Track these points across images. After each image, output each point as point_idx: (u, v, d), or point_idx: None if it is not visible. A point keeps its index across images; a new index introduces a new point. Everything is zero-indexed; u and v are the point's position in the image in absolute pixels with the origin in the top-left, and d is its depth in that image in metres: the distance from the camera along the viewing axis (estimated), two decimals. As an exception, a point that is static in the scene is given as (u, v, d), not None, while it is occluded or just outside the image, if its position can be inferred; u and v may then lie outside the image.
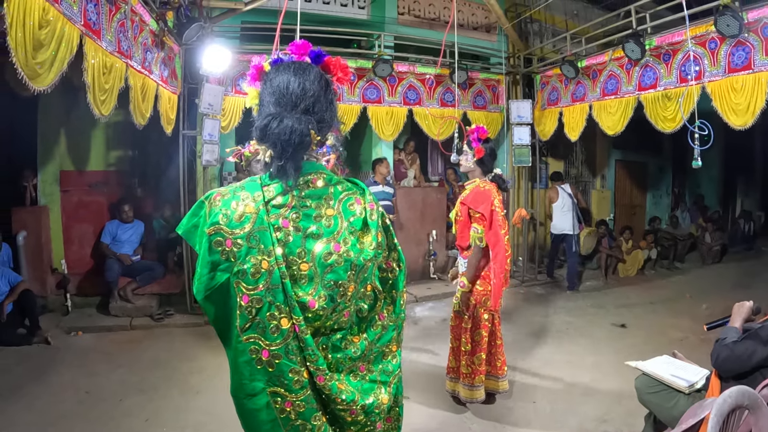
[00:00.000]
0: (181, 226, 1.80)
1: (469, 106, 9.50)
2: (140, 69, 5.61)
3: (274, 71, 1.76)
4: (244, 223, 1.66)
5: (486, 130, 4.43)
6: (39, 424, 4.36)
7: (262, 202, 1.69)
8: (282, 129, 1.61)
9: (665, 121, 7.01)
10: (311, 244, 1.69)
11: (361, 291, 1.81)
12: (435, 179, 11.30)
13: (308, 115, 1.70)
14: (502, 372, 4.60)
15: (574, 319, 7.56)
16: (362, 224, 1.77)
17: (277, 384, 1.69)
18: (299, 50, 1.80)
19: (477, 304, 4.38)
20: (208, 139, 7.13)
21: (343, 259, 1.70)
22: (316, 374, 1.68)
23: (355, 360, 1.79)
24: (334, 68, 1.84)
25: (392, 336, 1.89)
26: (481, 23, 10.19)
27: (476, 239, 4.25)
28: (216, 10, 7.76)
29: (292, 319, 1.66)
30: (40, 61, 3.69)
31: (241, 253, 1.65)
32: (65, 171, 8.22)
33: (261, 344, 1.67)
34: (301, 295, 1.67)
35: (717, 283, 9.95)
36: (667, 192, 14.51)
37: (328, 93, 1.80)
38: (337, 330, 1.76)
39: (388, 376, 1.86)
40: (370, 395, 1.78)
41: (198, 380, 5.28)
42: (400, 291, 1.92)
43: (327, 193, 1.75)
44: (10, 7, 3.26)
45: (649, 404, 3.62)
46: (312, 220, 1.71)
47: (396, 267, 1.91)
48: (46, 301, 7.44)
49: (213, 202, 1.72)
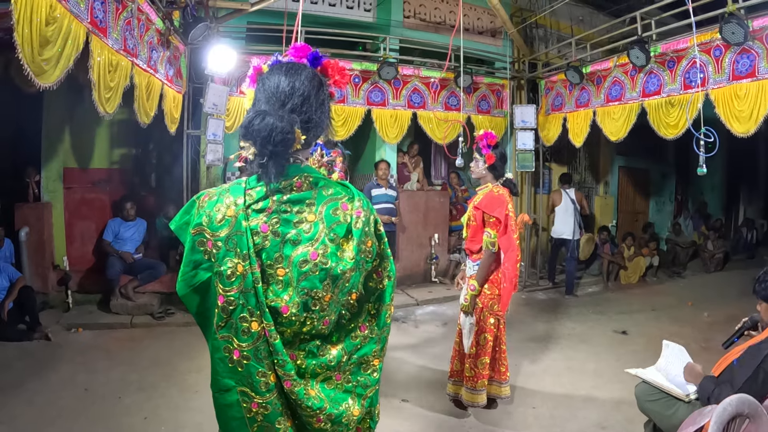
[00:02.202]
0: (173, 222, 1.83)
1: (473, 110, 9.50)
2: (145, 68, 5.63)
3: (269, 72, 1.77)
4: (223, 226, 1.69)
5: (495, 136, 4.44)
6: (39, 420, 4.37)
7: (243, 206, 1.70)
8: (263, 126, 1.61)
9: (668, 127, 7.00)
10: (289, 250, 1.69)
11: (342, 300, 1.78)
12: (438, 183, 11.30)
13: (294, 114, 1.70)
14: (504, 378, 4.59)
15: (576, 324, 7.55)
16: (345, 231, 1.74)
17: (245, 384, 1.70)
18: (299, 52, 1.81)
19: (484, 307, 4.37)
20: (212, 139, 7.15)
21: (319, 268, 1.68)
22: (283, 379, 1.69)
23: (330, 368, 1.78)
24: (332, 71, 1.84)
25: (373, 348, 1.86)
26: (487, 27, 10.20)
27: (489, 244, 4.24)
28: (222, 11, 7.79)
29: (263, 323, 1.67)
30: (47, 57, 3.70)
31: (220, 255, 1.68)
32: (69, 168, 8.26)
33: (233, 344, 1.69)
34: (274, 300, 1.68)
35: (719, 290, 9.94)
36: (670, 199, 14.48)
37: (320, 93, 1.79)
38: (315, 337, 1.76)
39: (365, 389, 1.84)
40: (341, 405, 1.77)
41: (197, 379, 5.28)
42: (387, 304, 1.88)
43: (310, 197, 1.73)
44: (18, 4, 3.27)
45: (649, 412, 3.63)
46: (291, 225, 1.70)
47: (385, 278, 1.87)
48: (47, 298, 7.46)
49: (201, 202, 1.76)
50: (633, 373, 3.82)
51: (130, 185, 8.90)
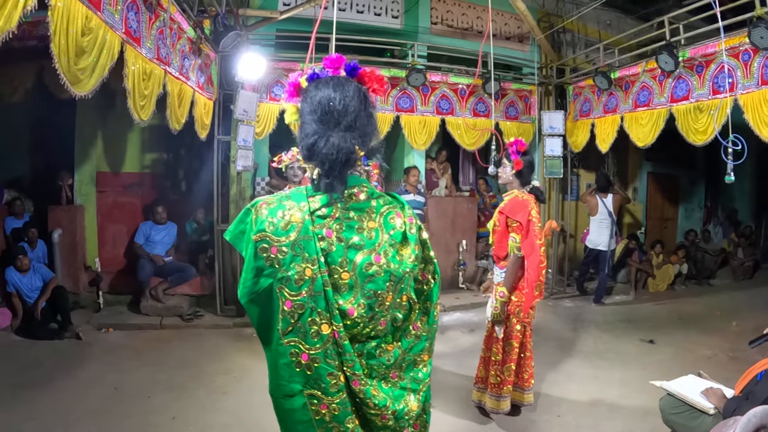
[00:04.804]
0: (228, 232, 1.87)
1: (501, 116, 9.47)
2: (178, 75, 5.72)
3: (313, 87, 1.80)
4: (289, 231, 1.73)
5: (524, 143, 4.46)
6: (68, 416, 4.47)
7: (308, 212, 1.74)
8: (329, 149, 1.67)
9: (696, 133, 6.90)
10: (353, 255, 1.75)
11: (397, 301, 1.85)
12: (466, 189, 11.27)
13: (352, 132, 1.74)
14: (528, 384, 4.59)
15: (602, 333, 7.47)
16: (402, 237, 1.83)
17: (315, 387, 1.75)
18: (333, 64, 1.83)
19: (510, 314, 4.39)
20: (242, 145, 7.23)
21: (383, 270, 1.76)
22: (352, 379, 1.74)
23: (388, 367, 1.84)
24: (369, 80, 1.87)
25: (424, 346, 1.94)
26: (514, 33, 10.18)
27: (514, 248, 4.27)
28: (251, 19, 7.89)
29: (333, 325, 1.71)
30: (82, 67, 3.77)
31: (286, 260, 1.72)
32: (101, 172, 8.45)
33: (301, 348, 1.73)
34: (341, 303, 1.73)
35: (748, 299, 9.79)
36: (700, 206, 14.23)
37: (368, 106, 1.84)
38: (372, 338, 1.82)
39: (418, 384, 1.90)
40: (400, 401, 1.83)
41: (225, 381, 5.35)
42: (434, 303, 1.96)
43: (369, 206, 1.81)
44: (54, 15, 3.33)
45: (673, 424, 3.60)
46: (354, 231, 1.76)
47: (431, 279, 1.96)
48: (78, 298, 7.63)
49: (259, 210, 1.79)
50: (658, 385, 3.80)
51: (161, 189, 9.06)
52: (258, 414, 4.44)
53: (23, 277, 6.70)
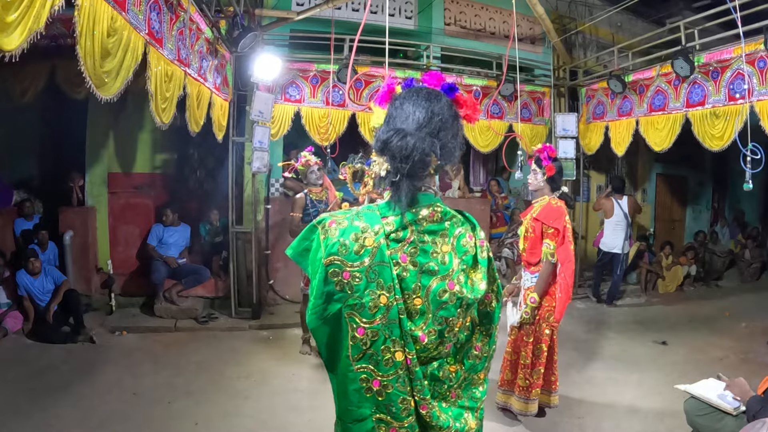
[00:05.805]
0: (291, 248, 1.82)
1: (515, 118, 9.44)
2: (196, 77, 5.67)
3: (406, 93, 1.77)
4: (363, 256, 1.66)
5: (554, 149, 4.49)
6: (86, 422, 4.45)
7: (383, 235, 1.68)
8: (404, 144, 1.61)
9: (713, 139, 6.90)
10: (427, 281, 1.69)
11: (465, 324, 1.82)
12: (477, 190, 11.23)
13: (432, 138, 1.68)
14: (555, 387, 4.62)
15: (616, 334, 7.50)
16: (473, 261, 1.76)
17: (384, 411, 1.70)
18: (433, 80, 1.81)
19: (540, 318, 4.41)
20: (258, 146, 7.17)
21: (456, 297, 1.69)
22: (420, 403, 1.70)
23: (450, 388, 1.80)
24: (464, 104, 1.84)
25: (484, 366, 1.90)
26: (527, 35, 10.15)
27: (548, 255, 4.28)
28: (266, 19, 7.85)
29: (406, 352, 1.67)
30: (107, 69, 3.72)
31: (360, 286, 1.66)
32: (113, 173, 8.37)
33: (373, 374, 1.68)
34: (413, 330, 1.68)
35: (756, 301, 9.84)
36: (707, 207, 14.22)
37: (455, 124, 1.79)
38: (435, 359, 1.77)
39: (476, 402, 1.87)
40: (460, 420, 1.80)
41: (245, 386, 5.32)
42: (495, 324, 1.91)
43: (443, 229, 1.73)
44: (81, 15, 3.28)
45: (697, 426, 3.68)
46: (429, 256, 1.70)
47: (495, 299, 1.89)
48: (89, 300, 7.60)
49: (328, 229, 1.71)
50: (682, 389, 3.87)
51: (174, 190, 9.00)
52: (281, 419, 4.39)
53: (35, 280, 6.67)
